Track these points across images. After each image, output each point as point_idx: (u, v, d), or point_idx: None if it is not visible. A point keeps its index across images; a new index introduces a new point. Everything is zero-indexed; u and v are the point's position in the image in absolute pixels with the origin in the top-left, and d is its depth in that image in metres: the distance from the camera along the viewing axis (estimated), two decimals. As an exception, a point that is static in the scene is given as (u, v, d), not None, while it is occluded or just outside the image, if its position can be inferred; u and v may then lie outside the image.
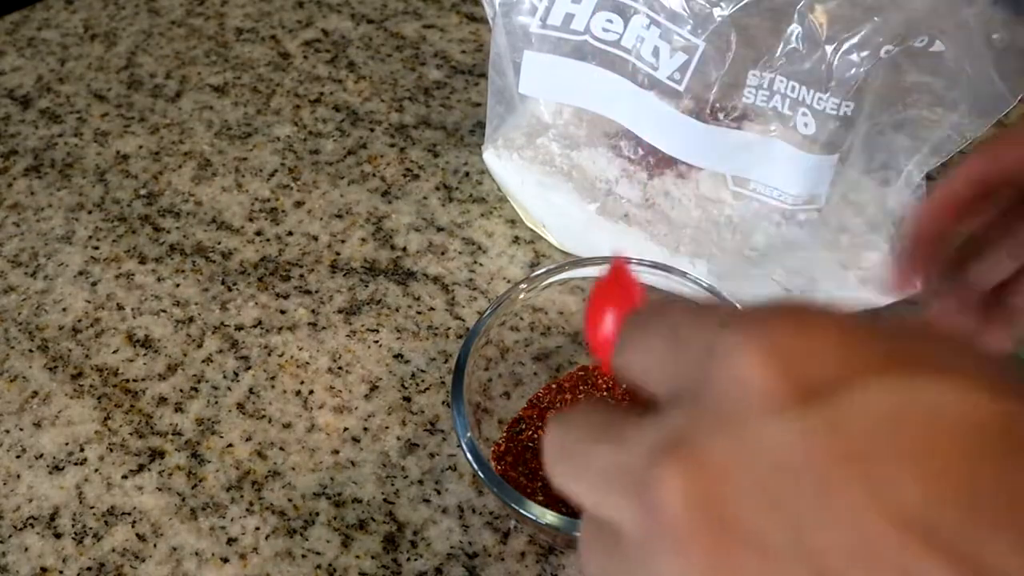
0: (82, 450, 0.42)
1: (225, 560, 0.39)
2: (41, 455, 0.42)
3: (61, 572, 0.38)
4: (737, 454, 0.16)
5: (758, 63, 0.39)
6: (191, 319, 0.47)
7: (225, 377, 0.44)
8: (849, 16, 0.37)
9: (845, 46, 0.37)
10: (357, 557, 0.39)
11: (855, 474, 0.15)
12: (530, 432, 0.40)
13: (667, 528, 0.17)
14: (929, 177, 0.44)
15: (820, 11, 0.37)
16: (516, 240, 0.49)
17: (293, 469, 0.41)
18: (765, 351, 0.17)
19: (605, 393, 0.40)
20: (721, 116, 0.40)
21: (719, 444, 0.17)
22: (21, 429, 0.43)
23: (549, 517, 0.33)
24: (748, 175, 0.41)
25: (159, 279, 0.48)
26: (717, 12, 0.38)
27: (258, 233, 0.50)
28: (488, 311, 0.38)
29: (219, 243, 0.50)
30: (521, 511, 0.33)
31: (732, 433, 0.17)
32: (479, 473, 0.35)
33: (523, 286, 0.39)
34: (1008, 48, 0.36)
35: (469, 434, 0.36)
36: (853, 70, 0.37)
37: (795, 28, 0.38)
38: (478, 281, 0.48)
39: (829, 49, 0.37)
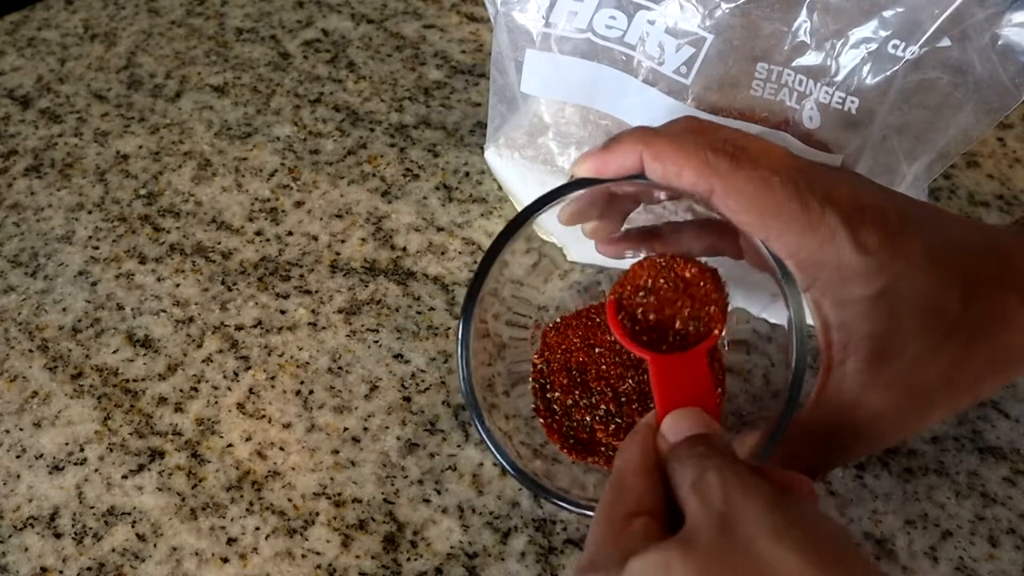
0: (82, 450, 0.42)
1: (225, 560, 0.38)
2: (41, 455, 0.42)
3: (61, 572, 0.38)
4: None
5: (766, 55, 0.39)
6: (191, 319, 0.47)
7: (225, 377, 0.44)
8: (856, 10, 0.37)
9: (852, 40, 0.37)
10: (357, 557, 0.38)
11: None
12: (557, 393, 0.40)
13: None
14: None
15: (828, 4, 0.37)
16: (516, 240, 0.49)
17: (293, 469, 0.41)
18: None
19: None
20: (728, 109, 0.40)
21: None
22: (21, 429, 0.43)
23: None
24: None
25: (159, 279, 0.48)
26: (725, 4, 0.38)
27: (258, 233, 0.50)
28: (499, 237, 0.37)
29: (219, 243, 0.50)
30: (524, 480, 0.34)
31: None
32: (477, 425, 0.35)
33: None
34: (1013, 43, 0.36)
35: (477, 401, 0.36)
36: (858, 64, 0.37)
37: (803, 21, 0.38)
38: (478, 281, 0.48)
39: (837, 43, 0.37)
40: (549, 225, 0.48)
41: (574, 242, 0.47)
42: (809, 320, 0.33)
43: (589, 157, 0.35)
